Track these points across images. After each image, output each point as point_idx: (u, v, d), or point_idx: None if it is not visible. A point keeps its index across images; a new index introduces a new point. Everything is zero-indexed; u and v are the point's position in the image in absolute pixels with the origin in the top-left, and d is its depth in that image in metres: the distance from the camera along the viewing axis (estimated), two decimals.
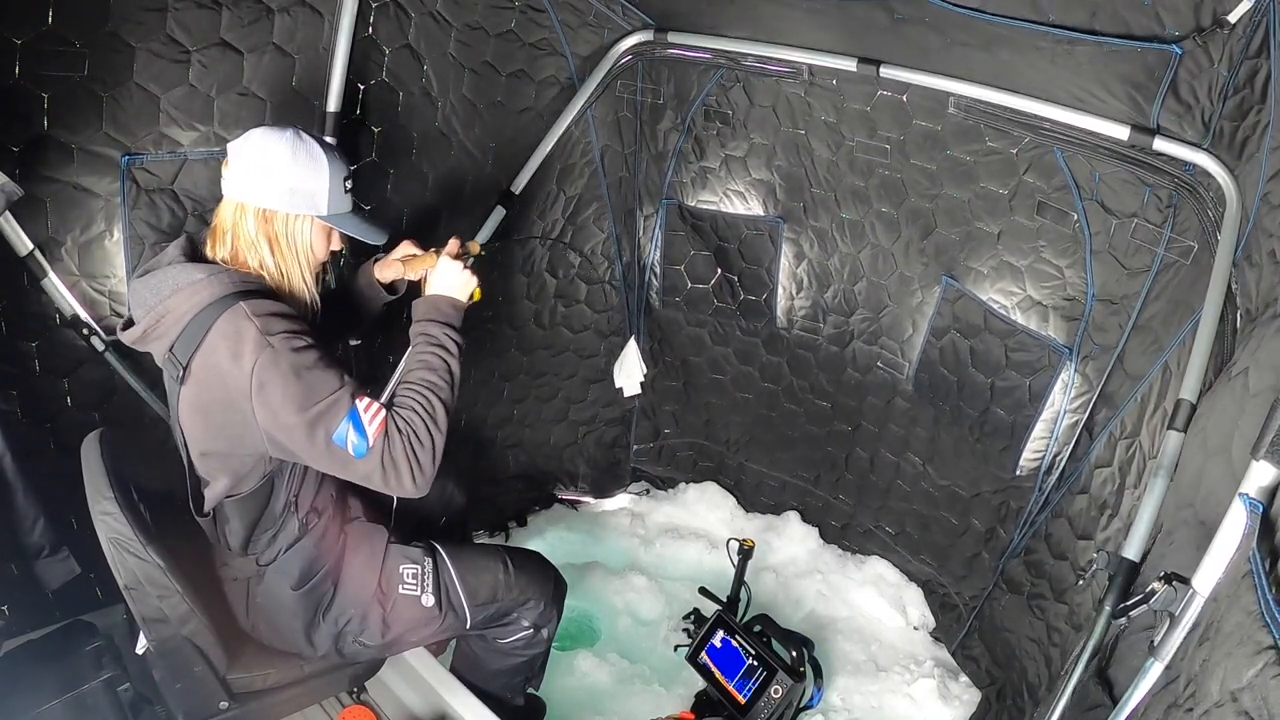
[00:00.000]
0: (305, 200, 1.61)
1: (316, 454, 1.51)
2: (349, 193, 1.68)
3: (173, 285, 1.52)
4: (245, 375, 1.45)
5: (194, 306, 1.50)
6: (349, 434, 1.49)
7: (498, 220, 2.91)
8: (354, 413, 1.49)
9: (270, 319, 1.49)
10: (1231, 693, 1.02)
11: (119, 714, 1.78)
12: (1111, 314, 2.29)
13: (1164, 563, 1.52)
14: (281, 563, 1.74)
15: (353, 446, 1.49)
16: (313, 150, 1.60)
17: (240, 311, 1.48)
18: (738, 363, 3.41)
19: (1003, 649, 2.64)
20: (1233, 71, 1.70)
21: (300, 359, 1.48)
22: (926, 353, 2.81)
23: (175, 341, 1.52)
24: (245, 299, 1.51)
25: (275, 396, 1.46)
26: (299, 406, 1.46)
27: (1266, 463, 1.19)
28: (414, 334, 1.71)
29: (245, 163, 1.58)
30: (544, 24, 2.76)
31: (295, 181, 1.59)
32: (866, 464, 3.18)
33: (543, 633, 2.07)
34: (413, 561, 1.88)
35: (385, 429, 1.52)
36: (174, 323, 1.52)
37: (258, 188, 1.58)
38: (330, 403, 1.48)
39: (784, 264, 3.10)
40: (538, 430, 3.50)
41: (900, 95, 2.51)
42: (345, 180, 1.67)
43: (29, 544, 1.97)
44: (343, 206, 1.67)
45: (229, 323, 1.47)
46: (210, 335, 1.48)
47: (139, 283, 1.56)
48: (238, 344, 1.46)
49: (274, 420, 1.48)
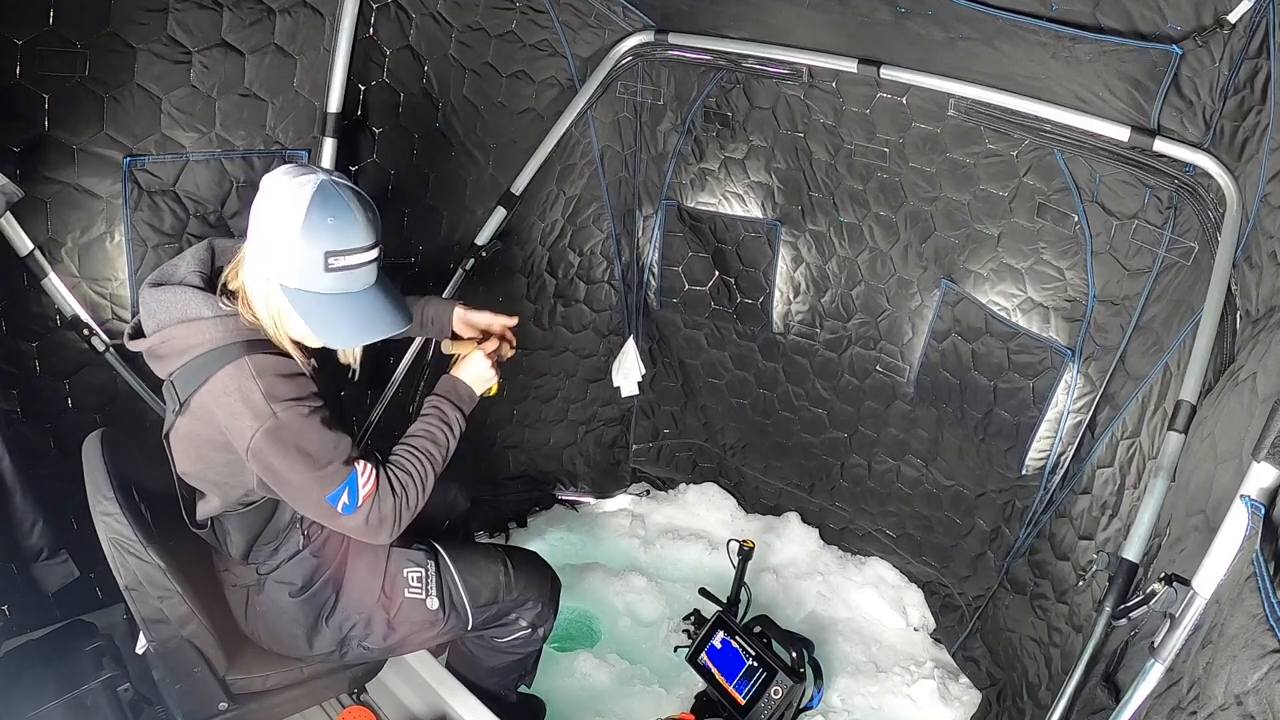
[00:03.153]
0: (272, 265, 1.43)
1: (307, 506, 1.55)
2: (334, 271, 1.42)
3: (180, 312, 1.47)
4: (244, 438, 1.44)
5: (198, 345, 1.46)
6: (343, 496, 1.51)
7: (498, 220, 2.92)
8: (352, 478, 1.51)
9: (275, 381, 1.45)
10: (1236, 696, 1.02)
11: (119, 714, 1.77)
12: (1113, 315, 2.29)
13: (1173, 569, 1.51)
14: (282, 572, 1.73)
15: (343, 506, 1.52)
16: (293, 208, 1.38)
17: (245, 369, 1.44)
18: (733, 367, 3.40)
19: (1004, 650, 2.64)
20: (1233, 71, 1.70)
21: (302, 429, 1.46)
22: (927, 356, 2.80)
23: (177, 372, 1.49)
24: (250, 352, 1.46)
25: (275, 462, 1.47)
26: (298, 474, 1.48)
27: (1268, 464, 1.19)
28: (429, 404, 1.74)
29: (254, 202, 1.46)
30: (544, 25, 2.76)
31: (267, 238, 1.42)
32: (863, 470, 3.17)
33: (539, 632, 2.08)
34: (416, 565, 1.88)
35: (376, 489, 1.55)
36: (177, 352, 1.48)
37: (250, 234, 1.46)
38: (330, 473, 1.50)
39: (781, 268, 3.10)
40: (537, 431, 3.49)
41: (900, 97, 2.51)
42: (330, 255, 1.41)
43: (27, 546, 1.96)
44: (320, 285, 1.43)
45: (231, 378, 1.44)
46: (213, 382, 1.45)
47: (150, 294, 1.51)
48: (239, 404, 1.43)
49: (271, 478, 1.50)
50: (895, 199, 2.70)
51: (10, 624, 2.03)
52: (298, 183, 1.41)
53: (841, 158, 2.75)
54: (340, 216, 1.41)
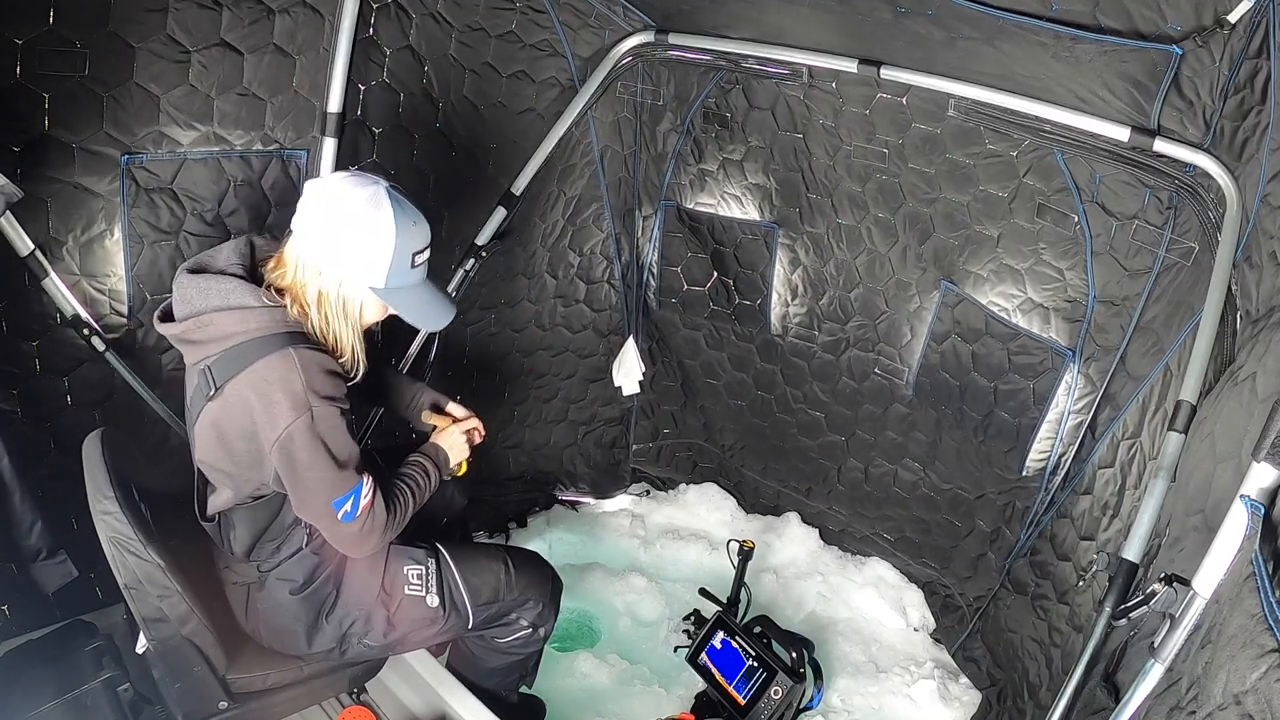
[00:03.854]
0: (362, 268, 1.53)
1: (311, 507, 1.60)
2: (418, 267, 1.59)
3: (222, 299, 1.50)
4: (277, 427, 1.49)
5: (243, 333, 1.49)
6: (346, 503, 1.57)
7: (498, 221, 2.92)
8: (359, 487, 1.58)
9: (318, 375, 1.50)
10: (1235, 696, 1.02)
11: (119, 714, 1.77)
12: (1113, 315, 2.29)
13: (1172, 568, 1.51)
14: (284, 569, 1.74)
15: (344, 513, 1.58)
16: (382, 216, 1.50)
17: (290, 358, 1.48)
18: (731, 369, 3.40)
19: (1005, 650, 2.64)
20: (1233, 71, 1.70)
21: (333, 428, 1.53)
22: (927, 358, 2.80)
23: (214, 358, 1.51)
24: (296, 344, 1.50)
25: (300, 456, 1.51)
26: (317, 471, 1.53)
27: (1268, 464, 1.19)
28: (414, 457, 1.84)
29: (313, 209, 1.52)
30: (545, 25, 2.76)
31: (355, 246, 1.51)
32: (860, 474, 3.17)
33: (540, 632, 2.08)
34: (416, 562, 1.88)
35: (373, 504, 1.62)
36: (218, 339, 1.50)
37: (317, 240, 1.52)
38: (345, 477, 1.56)
39: (779, 270, 3.09)
40: (538, 431, 3.49)
41: (900, 98, 2.50)
42: (416, 254, 1.57)
43: (26, 547, 1.96)
44: (406, 280, 1.58)
45: (276, 366, 1.48)
46: (254, 369, 1.48)
47: (188, 279, 1.53)
48: (279, 392, 1.47)
49: (288, 472, 1.54)
50: (894, 201, 2.70)
51: (10, 624, 2.03)
52: (370, 193, 1.51)
53: (840, 159, 2.75)
54: (418, 220, 1.57)
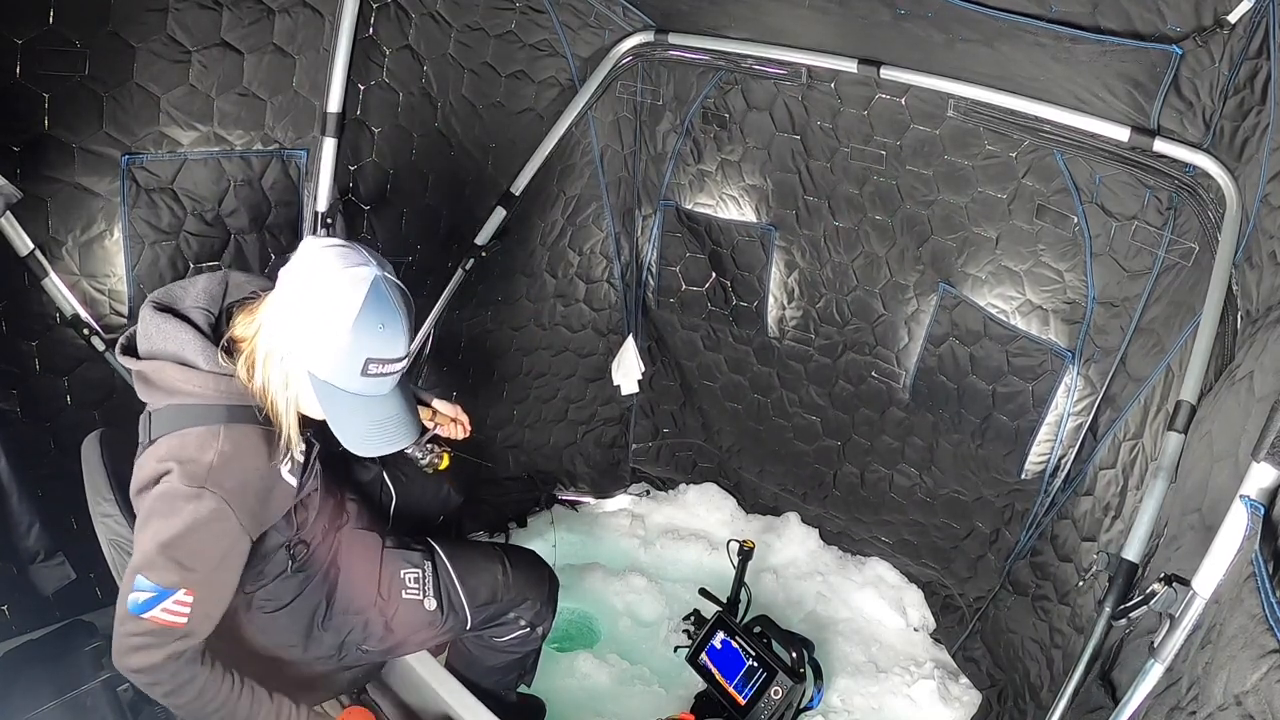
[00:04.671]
0: (305, 349, 1.36)
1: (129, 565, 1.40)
2: (370, 377, 1.38)
3: (177, 348, 1.40)
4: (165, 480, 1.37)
5: (184, 394, 1.40)
6: (145, 594, 1.36)
7: (498, 221, 2.91)
8: (166, 594, 1.36)
9: (231, 470, 1.38)
10: (1235, 696, 1.02)
11: (118, 714, 1.77)
12: (1113, 316, 2.29)
13: (1169, 567, 1.52)
14: (269, 590, 1.66)
15: (134, 600, 1.36)
16: (348, 303, 1.33)
17: (214, 437, 1.38)
18: (729, 371, 3.39)
19: (1005, 650, 2.64)
20: (1233, 71, 1.70)
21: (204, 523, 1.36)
22: (924, 361, 2.79)
23: (158, 409, 1.42)
24: (231, 423, 1.40)
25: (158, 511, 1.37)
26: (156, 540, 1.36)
27: (1267, 464, 1.19)
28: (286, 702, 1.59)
29: (291, 269, 1.38)
30: (544, 25, 2.76)
31: (306, 323, 1.35)
32: (856, 480, 3.16)
33: (538, 630, 2.07)
34: (413, 565, 1.87)
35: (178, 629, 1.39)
36: (164, 389, 1.41)
37: (279, 305, 1.39)
38: (167, 569, 1.36)
39: (775, 273, 3.08)
40: (537, 431, 3.49)
41: (899, 98, 2.50)
42: (371, 361, 1.36)
43: (24, 548, 1.96)
44: (351, 386, 1.38)
45: (198, 438, 1.38)
46: (178, 435, 1.39)
47: (152, 316, 1.43)
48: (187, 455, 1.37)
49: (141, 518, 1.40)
50: (891, 203, 2.69)
51: (10, 624, 2.03)
52: (351, 275, 1.34)
53: (838, 160, 2.75)
54: (390, 325, 1.36)
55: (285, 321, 1.37)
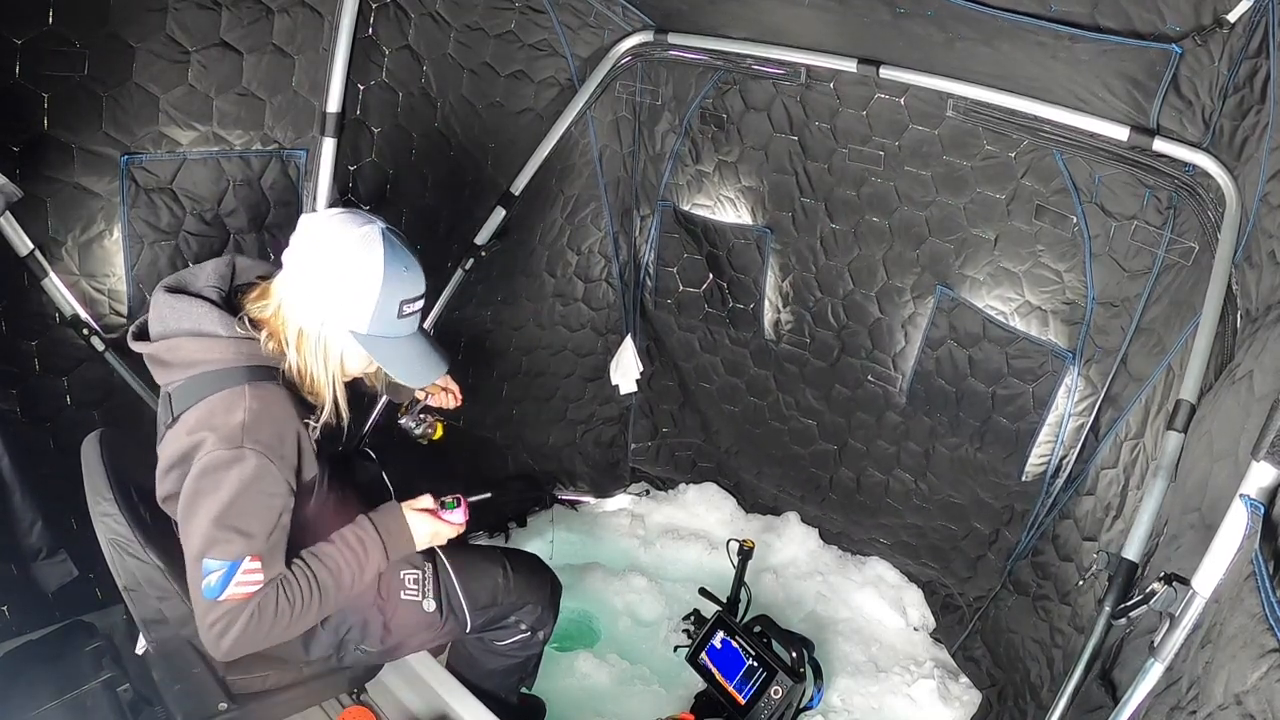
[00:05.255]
0: (344, 310, 1.43)
1: (188, 557, 1.44)
2: (406, 317, 1.47)
3: (194, 323, 1.44)
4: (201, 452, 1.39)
5: (204, 362, 1.43)
6: (215, 575, 1.40)
7: (498, 220, 2.91)
8: (235, 565, 1.41)
9: (265, 422, 1.41)
10: (1235, 695, 1.02)
11: (118, 714, 1.77)
12: (1113, 317, 2.29)
13: (1169, 566, 1.52)
14: None
15: (208, 584, 1.40)
16: (371, 257, 1.40)
17: (241, 394, 1.41)
18: (725, 373, 3.39)
19: (1005, 650, 2.64)
20: (1232, 71, 1.71)
21: (250, 482, 1.39)
22: (921, 364, 2.78)
23: (178, 384, 1.45)
24: (253, 382, 1.43)
25: (203, 487, 1.39)
26: (209, 517, 1.39)
27: (1267, 463, 1.19)
28: (359, 524, 1.63)
29: (303, 243, 1.43)
30: (544, 25, 2.76)
31: (338, 286, 1.41)
32: (852, 484, 3.16)
33: (539, 634, 2.07)
34: (413, 567, 1.86)
35: (247, 600, 1.43)
36: (183, 365, 1.44)
37: (301, 276, 1.43)
38: (229, 542, 1.40)
39: (770, 276, 3.08)
40: (536, 430, 3.49)
41: (898, 98, 2.50)
42: (404, 302, 1.45)
43: (26, 546, 1.96)
44: (391, 330, 1.46)
45: (226, 401, 1.40)
46: (205, 404, 1.41)
47: (164, 298, 1.46)
48: (216, 421, 1.39)
49: (186, 505, 1.42)
50: (888, 205, 2.69)
51: (10, 624, 2.03)
52: (363, 233, 1.41)
53: (836, 162, 2.75)
54: (410, 265, 1.45)
55: (312, 295, 1.43)
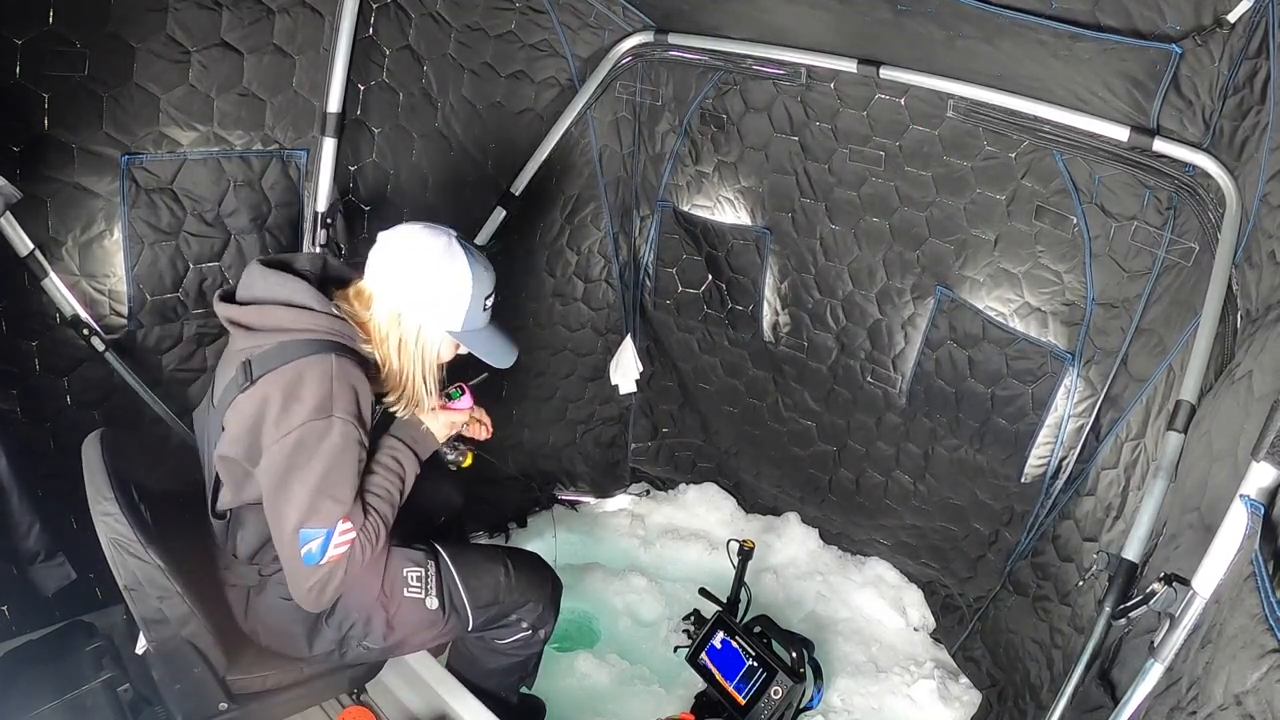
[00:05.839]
0: (441, 313, 1.61)
1: (281, 526, 1.52)
2: (487, 310, 1.67)
3: (288, 294, 1.53)
4: (289, 424, 1.46)
5: (295, 331, 1.51)
6: (315, 542, 1.50)
7: (498, 221, 2.91)
8: (332, 531, 1.51)
9: (348, 391, 1.50)
10: (1235, 696, 1.02)
11: (118, 715, 1.77)
12: (1113, 317, 2.29)
13: (1168, 566, 1.52)
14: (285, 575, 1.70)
15: (307, 553, 1.51)
16: (461, 265, 1.58)
17: (329, 363, 1.49)
18: (725, 374, 3.38)
19: (1005, 650, 2.64)
20: (1232, 71, 1.71)
21: (341, 451, 1.50)
22: (921, 365, 2.78)
23: (259, 350, 1.51)
24: (341, 354, 1.51)
25: (297, 461, 1.47)
26: (303, 485, 1.48)
27: (1267, 464, 1.19)
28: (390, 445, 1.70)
29: (391, 257, 1.58)
30: (544, 25, 2.76)
31: (436, 293, 1.59)
32: (851, 486, 3.16)
33: (540, 633, 2.07)
34: (416, 564, 1.87)
35: (343, 560, 1.55)
36: (270, 329, 1.52)
37: (397, 287, 1.59)
38: (327, 510, 1.50)
39: (769, 278, 3.07)
40: (536, 430, 3.49)
41: (898, 99, 2.50)
42: (487, 299, 1.65)
43: (24, 549, 1.95)
44: (479, 323, 1.67)
45: (314, 366, 1.48)
46: (291, 366, 1.48)
47: (260, 271, 1.57)
48: (306, 392, 1.47)
49: (277, 478, 1.49)
50: (888, 206, 2.68)
51: (10, 624, 2.03)
52: (445, 245, 1.58)
53: (836, 162, 2.74)
54: (486, 265, 1.64)
55: (410, 303, 1.59)
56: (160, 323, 2.29)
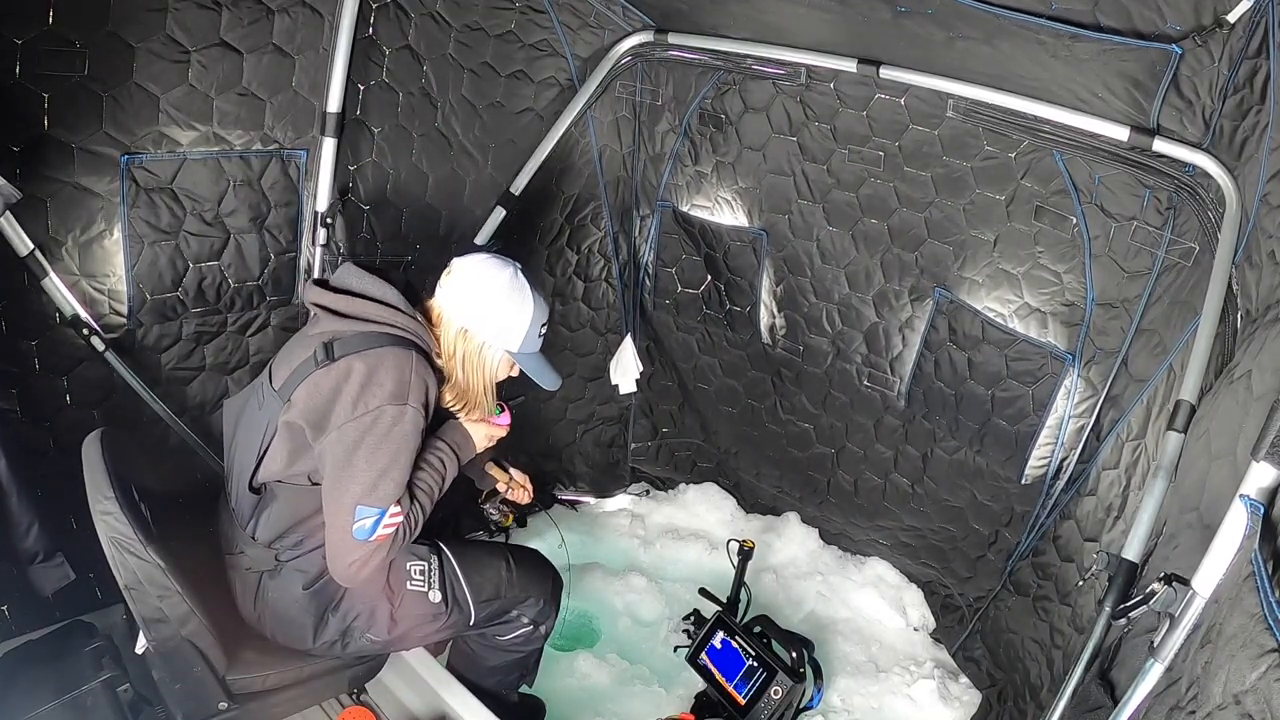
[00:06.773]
0: (504, 335, 1.77)
1: (338, 502, 1.61)
2: (542, 336, 1.84)
3: (380, 292, 1.69)
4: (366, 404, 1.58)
5: (380, 324, 1.66)
6: (368, 520, 1.61)
7: (497, 221, 2.91)
8: (384, 512, 1.62)
9: (424, 386, 1.64)
10: (1234, 695, 1.02)
11: (118, 714, 1.77)
12: (1113, 318, 2.29)
13: (1167, 566, 1.52)
14: (302, 561, 1.76)
15: (359, 528, 1.61)
16: (525, 294, 1.76)
17: (411, 359, 1.64)
18: (724, 375, 3.38)
19: (1005, 651, 2.64)
20: (1232, 71, 1.71)
21: (408, 437, 1.62)
22: (920, 367, 2.77)
23: (343, 334, 1.64)
24: (418, 354, 1.66)
25: (367, 442, 1.58)
26: (368, 466, 1.58)
27: (1267, 464, 1.19)
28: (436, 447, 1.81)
29: (464, 284, 1.75)
30: (544, 25, 2.76)
31: (503, 318, 1.75)
32: (850, 488, 3.15)
33: (541, 629, 2.09)
34: (419, 558, 1.90)
35: (389, 540, 1.65)
36: (357, 318, 1.66)
37: (467, 310, 1.75)
38: (384, 491, 1.61)
39: (766, 280, 3.06)
40: (536, 430, 3.49)
41: (898, 98, 2.50)
42: (542, 326, 1.81)
43: (23, 549, 1.95)
44: (532, 347, 1.82)
45: (396, 356, 1.62)
46: (375, 351, 1.61)
47: (355, 270, 1.72)
48: (387, 376, 1.60)
49: (343, 455, 1.58)
50: (887, 208, 2.68)
51: (9, 624, 2.03)
52: (510, 273, 1.76)
53: (835, 163, 2.74)
54: (542, 295, 1.81)
55: (479, 324, 1.75)
56: (160, 322, 2.29)
